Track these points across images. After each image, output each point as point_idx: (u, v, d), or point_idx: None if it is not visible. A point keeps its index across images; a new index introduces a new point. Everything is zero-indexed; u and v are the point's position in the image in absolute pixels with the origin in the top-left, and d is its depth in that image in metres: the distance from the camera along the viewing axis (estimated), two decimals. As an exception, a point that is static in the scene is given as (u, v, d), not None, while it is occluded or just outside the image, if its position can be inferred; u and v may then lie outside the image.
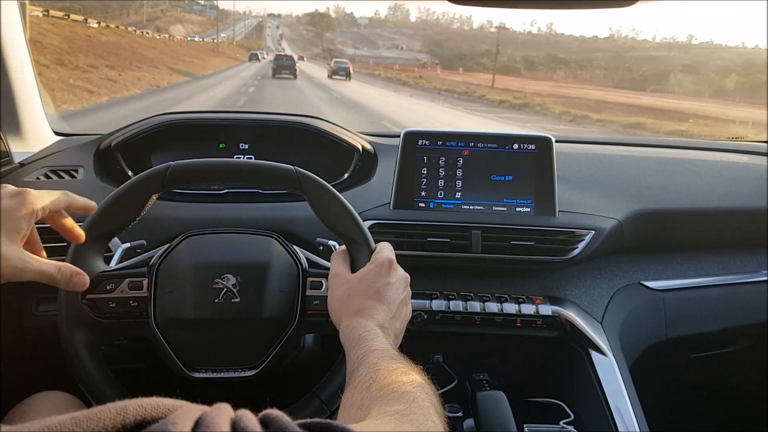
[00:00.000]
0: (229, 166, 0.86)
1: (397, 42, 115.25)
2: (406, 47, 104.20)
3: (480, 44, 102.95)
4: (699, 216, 1.34)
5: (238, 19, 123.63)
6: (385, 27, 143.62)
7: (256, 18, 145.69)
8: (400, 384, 0.57)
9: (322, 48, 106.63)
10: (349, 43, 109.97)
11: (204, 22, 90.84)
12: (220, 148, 1.29)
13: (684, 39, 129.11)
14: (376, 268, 0.78)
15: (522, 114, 21.66)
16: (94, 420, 0.30)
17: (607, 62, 71.21)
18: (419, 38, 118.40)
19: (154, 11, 73.79)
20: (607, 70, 63.99)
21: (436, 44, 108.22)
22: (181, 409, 0.33)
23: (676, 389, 1.53)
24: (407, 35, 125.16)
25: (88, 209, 0.77)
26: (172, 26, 62.03)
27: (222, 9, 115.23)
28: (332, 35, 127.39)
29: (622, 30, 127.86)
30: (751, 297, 1.36)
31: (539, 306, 1.16)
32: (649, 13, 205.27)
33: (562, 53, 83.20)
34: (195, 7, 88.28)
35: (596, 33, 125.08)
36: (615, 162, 1.43)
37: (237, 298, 0.84)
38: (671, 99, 37.67)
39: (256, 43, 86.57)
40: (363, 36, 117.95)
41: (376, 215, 1.15)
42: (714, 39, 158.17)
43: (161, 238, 0.96)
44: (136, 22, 49.66)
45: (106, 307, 0.81)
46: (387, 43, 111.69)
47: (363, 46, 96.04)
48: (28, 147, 1.25)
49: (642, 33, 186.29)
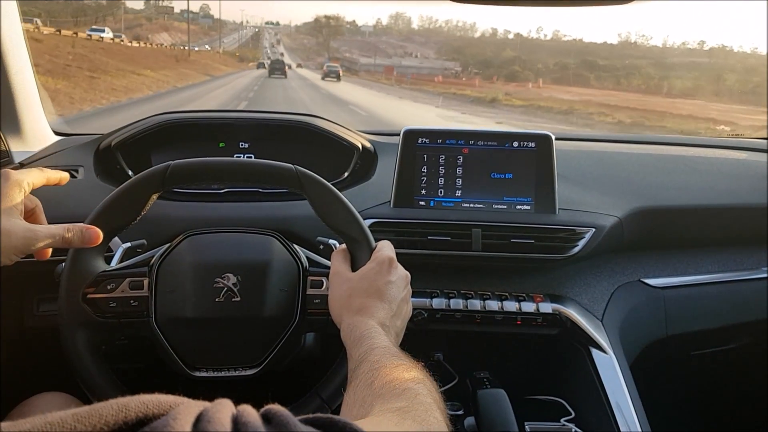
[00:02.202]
0: (229, 165, 0.86)
1: (409, 50, 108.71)
2: (420, 55, 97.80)
3: (503, 50, 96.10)
4: (699, 213, 1.34)
5: (233, 29, 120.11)
6: (391, 35, 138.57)
7: (253, 28, 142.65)
8: (402, 381, 0.57)
9: (330, 56, 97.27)
10: (356, 51, 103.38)
11: (196, 31, 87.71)
12: (220, 148, 1.29)
13: (713, 44, 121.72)
14: (376, 266, 0.78)
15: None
16: (96, 416, 0.30)
17: (655, 69, 66.02)
18: (432, 45, 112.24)
19: (137, 17, 70.45)
20: (656, 79, 59.21)
21: (456, 51, 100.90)
22: (183, 405, 0.33)
23: (677, 386, 1.53)
24: (418, 43, 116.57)
25: (62, 181, 0.82)
26: (157, 34, 58.51)
27: (218, 19, 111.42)
28: (335, 44, 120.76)
29: (631, 35, 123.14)
30: (751, 294, 1.36)
31: (540, 304, 1.16)
32: (655, 16, 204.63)
33: (600, 60, 75.78)
34: (186, 16, 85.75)
35: (611, 39, 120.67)
36: (615, 159, 1.43)
37: (238, 297, 0.84)
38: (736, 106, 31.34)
39: (252, 52, 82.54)
40: (369, 44, 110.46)
41: (376, 214, 1.15)
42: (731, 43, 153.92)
43: (162, 238, 0.96)
44: (114, 29, 46.92)
45: (107, 306, 0.81)
46: (398, 51, 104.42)
47: (372, 54, 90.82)
48: (27, 147, 1.25)
49: (670, 39, 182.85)
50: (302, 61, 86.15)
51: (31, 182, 0.75)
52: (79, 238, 0.74)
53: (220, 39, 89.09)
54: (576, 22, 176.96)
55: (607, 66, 67.88)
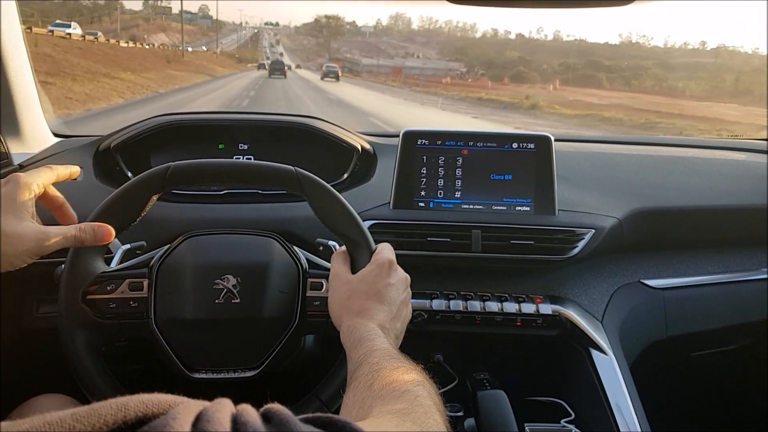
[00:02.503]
0: (229, 166, 0.87)
1: (411, 50, 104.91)
2: (422, 56, 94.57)
3: (506, 51, 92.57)
4: (699, 214, 1.34)
5: (233, 30, 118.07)
6: (392, 35, 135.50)
7: (252, 29, 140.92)
8: (402, 383, 0.57)
9: (330, 57, 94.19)
10: (356, 52, 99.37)
11: (195, 32, 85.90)
12: (219, 149, 1.29)
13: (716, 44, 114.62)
14: (376, 268, 0.78)
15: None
16: (95, 416, 0.30)
17: (662, 70, 62.90)
18: (433, 46, 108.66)
19: (134, 18, 68.41)
20: (663, 79, 56.40)
21: (459, 51, 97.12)
22: (182, 404, 0.33)
23: (677, 387, 1.53)
24: (420, 43, 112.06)
25: (72, 174, 0.81)
26: (154, 35, 56.93)
27: (217, 20, 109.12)
28: (336, 44, 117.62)
29: (632, 35, 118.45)
30: (751, 295, 1.36)
31: (539, 305, 1.16)
32: (653, 16, 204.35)
33: (606, 60, 71.35)
34: (186, 16, 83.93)
35: (613, 39, 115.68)
36: (614, 160, 1.43)
37: (237, 298, 0.84)
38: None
39: (251, 53, 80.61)
40: (370, 45, 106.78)
41: (375, 215, 1.15)
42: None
43: (161, 239, 0.96)
44: (109, 30, 44.99)
45: (107, 307, 0.81)
46: (400, 51, 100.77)
47: (373, 55, 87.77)
48: (27, 149, 1.25)
49: (671, 38, 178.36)
50: (302, 62, 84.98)
51: (41, 183, 0.75)
52: (92, 236, 0.75)
53: (218, 40, 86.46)
54: (576, 22, 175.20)
55: (612, 66, 64.73)
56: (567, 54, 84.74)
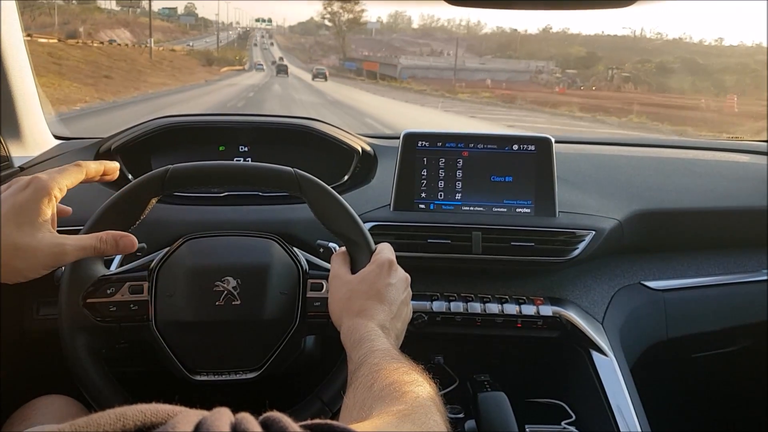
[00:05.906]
0: (228, 168, 0.87)
1: (436, 48, 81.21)
2: (455, 54, 72.71)
3: (571, 47, 66.53)
4: (699, 216, 1.34)
5: (221, 29, 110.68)
6: (403, 32, 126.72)
7: (243, 29, 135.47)
8: (402, 384, 0.57)
9: (344, 55, 70.01)
10: (364, 50, 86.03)
11: (172, 29, 76.44)
12: (219, 151, 1.29)
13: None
14: (376, 268, 0.78)
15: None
16: (94, 426, 0.30)
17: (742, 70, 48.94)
18: (460, 43, 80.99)
19: (85, 11, 58.97)
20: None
21: (505, 48, 73.26)
22: (181, 414, 0.33)
23: (678, 389, 1.53)
24: (441, 39, 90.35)
25: (108, 172, 0.77)
26: (111, 31, 49.69)
27: (203, 17, 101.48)
28: (336, 43, 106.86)
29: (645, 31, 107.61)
30: (751, 296, 1.36)
31: (540, 307, 1.16)
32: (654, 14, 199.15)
33: (699, 58, 52.85)
34: (163, 12, 76.84)
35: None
36: (615, 162, 1.43)
37: (237, 300, 0.84)
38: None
39: (235, 53, 69.78)
40: (379, 42, 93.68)
41: (376, 217, 1.15)
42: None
43: (161, 242, 0.96)
44: (47, 24, 37.01)
45: (107, 310, 0.81)
46: (422, 50, 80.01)
47: (408, 54, 70.73)
48: (27, 151, 1.25)
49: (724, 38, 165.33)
50: (304, 64, 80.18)
51: (65, 186, 0.70)
52: (113, 248, 0.71)
53: (191, 41, 67.68)
54: (581, 21, 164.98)
55: (706, 66, 46.64)
56: (640, 51, 61.80)
